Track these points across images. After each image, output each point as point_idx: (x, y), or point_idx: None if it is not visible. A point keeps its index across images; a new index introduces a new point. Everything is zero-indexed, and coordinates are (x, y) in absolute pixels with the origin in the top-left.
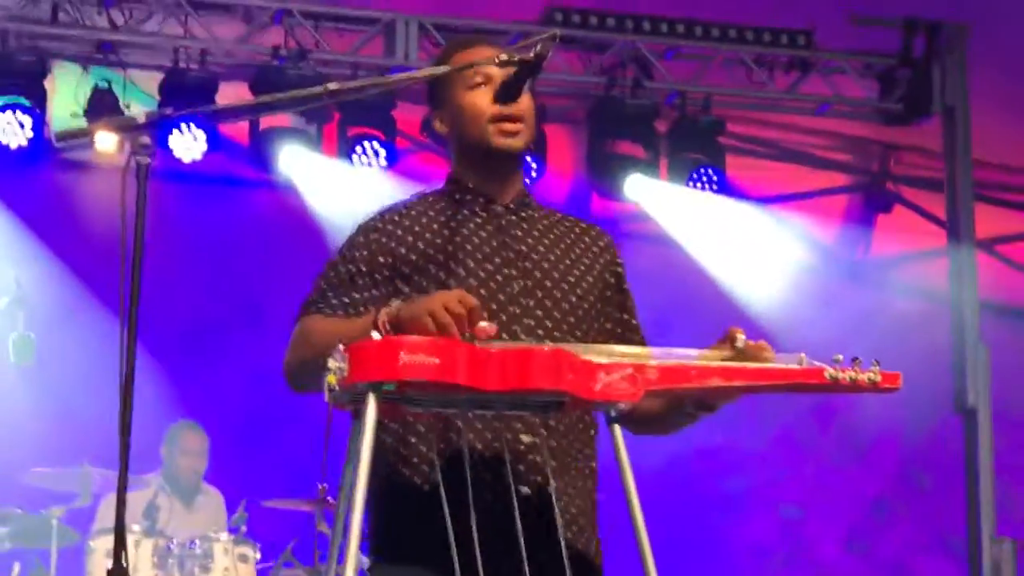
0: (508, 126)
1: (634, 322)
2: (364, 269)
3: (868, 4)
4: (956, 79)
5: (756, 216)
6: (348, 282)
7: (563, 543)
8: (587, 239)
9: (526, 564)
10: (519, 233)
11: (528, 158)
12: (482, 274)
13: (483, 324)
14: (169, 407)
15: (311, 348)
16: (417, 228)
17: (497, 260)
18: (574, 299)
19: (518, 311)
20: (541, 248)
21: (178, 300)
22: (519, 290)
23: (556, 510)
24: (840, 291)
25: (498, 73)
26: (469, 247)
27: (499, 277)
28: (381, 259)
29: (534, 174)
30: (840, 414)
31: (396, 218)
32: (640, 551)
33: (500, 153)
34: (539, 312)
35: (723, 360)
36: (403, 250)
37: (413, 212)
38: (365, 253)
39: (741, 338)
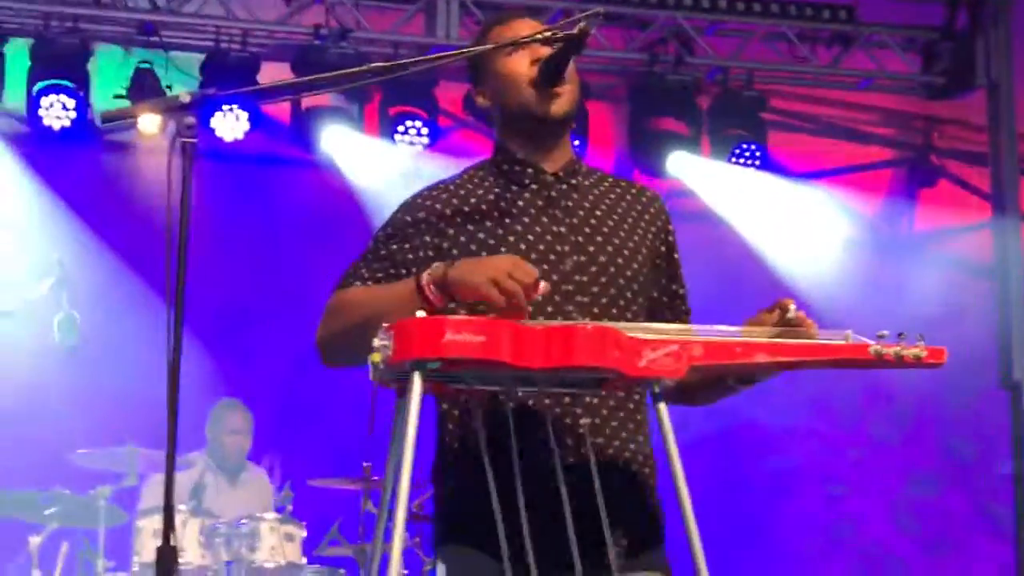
0: (551, 88)
1: (681, 291)
2: (407, 246)
3: None
4: (1000, 53)
5: (799, 192)
6: (386, 257)
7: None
8: (639, 205)
9: (576, 553)
10: (570, 204)
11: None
12: (534, 256)
13: (541, 285)
14: (213, 386)
15: (343, 319)
16: (466, 208)
17: (549, 237)
18: (629, 273)
19: (572, 288)
20: (593, 220)
21: (221, 279)
22: (572, 266)
23: (613, 478)
24: (884, 266)
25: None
26: (520, 227)
27: (552, 256)
28: (428, 238)
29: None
30: (885, 389)
31: (443, 196)
32: (687, 530)
33: (545, 117)
34: (594, 289)
35: (769, 333)
36: (450, 230)
37: (461, 191)
38: (411, 231)
39: (793, 308)
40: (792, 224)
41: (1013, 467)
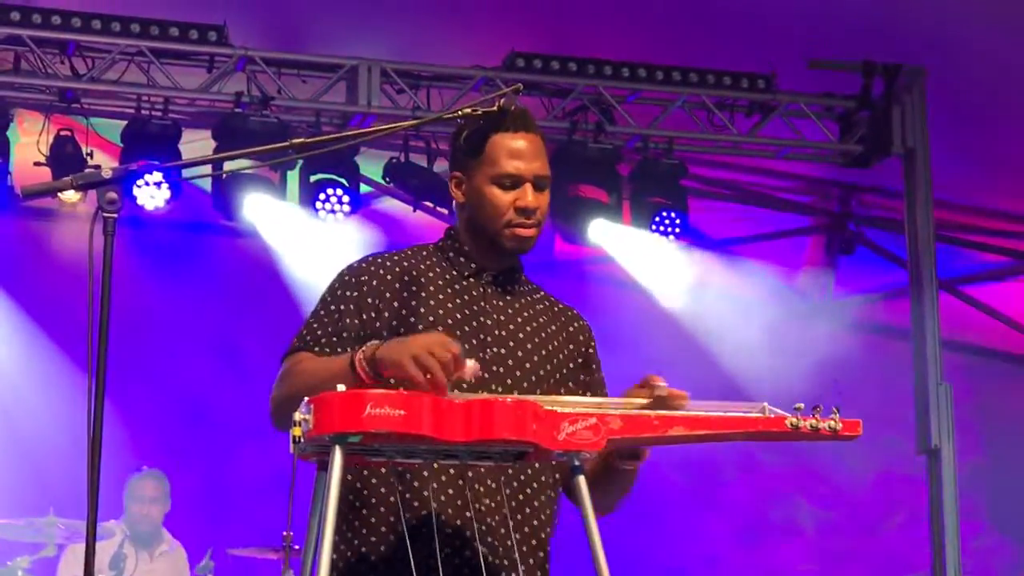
0: (521, 231)
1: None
2: (353, 308)
3: (827, 48)
4: (916, 121)
5: (719, 259)
6: (336, 320)
7: None
8: (560, 321)
9: None
10: (500, 304)
11: None
12: (459, 332)
13: (468, 363)
14: (133, 455)
15: (289, 387)
16: (406, 277)
17: (475, 323)
18: (542, 372)
19: (487, 375)
20: (519, 320)
21: (142, 347)
22: (492, 356)
23: (513, 573)
24: (803, 333)
25: (528, 176)
26: (450, 305)
27: (475, 340)
28: (370, 300)
29: None
30: (804, 452)
31: (387, 263)
32: None
33: (505, 250)
34: (508, 380)
35: (642, 406)
36: (389, 295)
37: (404, 262)
38: (355, 293)
39: (661, 385)
40: (712, 291)
41: (931, 533)
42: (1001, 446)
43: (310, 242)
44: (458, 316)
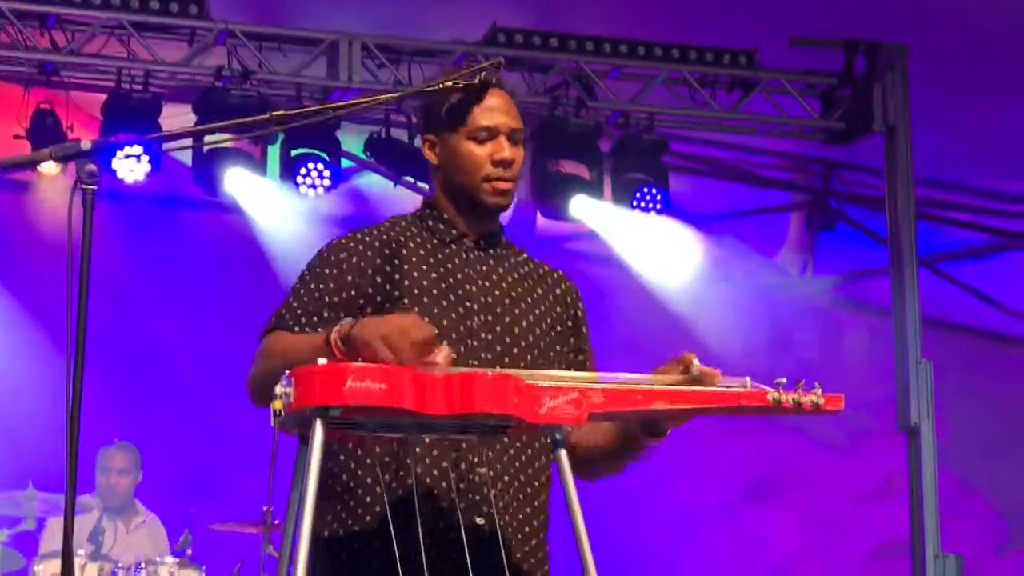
0: (501, 184)
1: (581, 357)
2: (332, 286)
3: (809, 24)
4: (897, 98)
5: (700, 235)
6: (316, 298)
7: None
8: (545, 284)
9: None
10: (484, 268)
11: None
12: (445, 303)
13: (443, 348)
14: (111, 429)
15: (265, 365)
16: (387, 251)
17: (460, 292)
18: (531, 338)
19: (476, 344)
20: (503, 286)
21: (121, 321)
22: (479, 324)
23: (512, 543)
24: (784, 309)
25: (503, 129)
26: (435, 275)
27: (461, 310)
28: (350, 277)
29: None
30: (785, 426)
31: (366, 238)
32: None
33: (486, 206)
34: (498, 347)
35: (674, 383)
36: (370, 271)
37: (384, 236)
38: (334, 271)
39: (696, 364)
40: (693, 268)
41: (911, 509)
42: (982, 423)
43: (290, 216)
44: (443, 285)
